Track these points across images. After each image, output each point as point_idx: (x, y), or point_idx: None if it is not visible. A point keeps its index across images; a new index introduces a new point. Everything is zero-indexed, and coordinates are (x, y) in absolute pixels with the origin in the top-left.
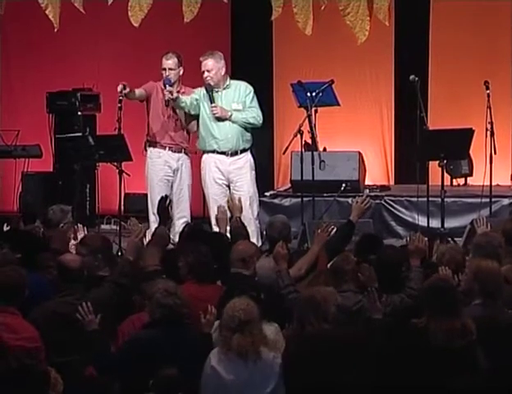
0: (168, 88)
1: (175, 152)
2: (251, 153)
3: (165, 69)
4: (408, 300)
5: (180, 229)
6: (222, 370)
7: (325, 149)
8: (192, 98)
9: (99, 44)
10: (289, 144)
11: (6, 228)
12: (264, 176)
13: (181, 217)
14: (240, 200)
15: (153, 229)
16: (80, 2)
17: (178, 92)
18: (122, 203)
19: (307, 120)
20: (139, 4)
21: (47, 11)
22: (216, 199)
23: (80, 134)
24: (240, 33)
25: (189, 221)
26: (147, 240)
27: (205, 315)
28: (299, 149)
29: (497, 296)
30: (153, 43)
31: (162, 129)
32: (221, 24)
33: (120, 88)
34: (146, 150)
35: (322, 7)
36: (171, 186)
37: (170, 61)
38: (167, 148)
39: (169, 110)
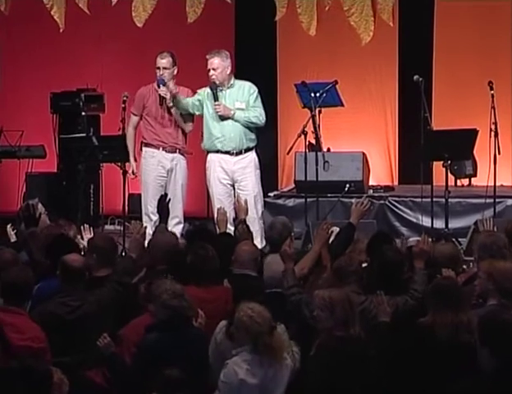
0: (162, 88)
1: (169, 152)
2: (256, 152)
3: (159, 68)
4: (411, 302)
5: (173, 229)
6: (251, 379)
7: (329, 150)
8: (194, 99)
9: (103, 45)
10: (293, 145)
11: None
12: (268, 177)
13: (174, 218)
14: (246, 202)
15: (148, 230)
16: (84, 3)
17: (171, 92)
18: (126, 203)
19: (311, 120)
20: (142, 5)
21: (52, 12)
22: (220, 199)
23: (83, 134)
24: (244, 33)
25: (182, 221)
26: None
27: (196, 319)
28: (303, 150)
29: None
30: (156, 43)
31: (156, 129)
32: (225, 24)
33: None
34: (141, 150)
35: (327, 8)
36: (165, 187)
37: (164, 61)
38: (161, 149)
39: (163, 110)
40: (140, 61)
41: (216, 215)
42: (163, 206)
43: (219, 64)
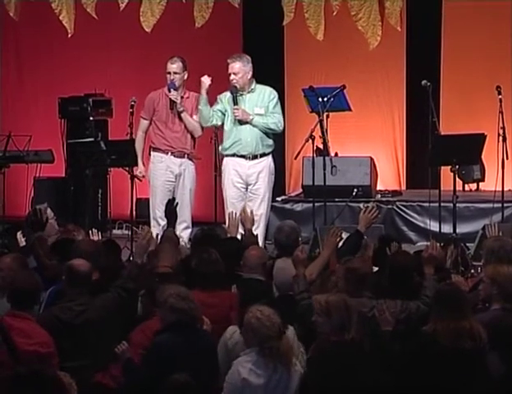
0: (172, 92)
1: (177, 157)
2: (272, 157)
3: (170, 73)
4: (424, 308)
5: (181, 234)
6: (254, 379)
7: (336, 154)
8: (215, 109)
9: (111, 49)
10: (300, 150)
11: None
12: (276, 182)
13: (182, 222)
14: (252, 212)
15: (154, 234)
16: (92, 8)
17: (182, 97)
18: (134, 208)
19: (318, 125)
20: (151, 10)
21: (60, 17)
22: (233, 203)
23: (91, 139)
24: (251, 38)
25: (190, 226)
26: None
27: (201, 325)
28: (311, 154)
29: None
30: (164, 48)
31: (165, 134)
32: (233, 29)
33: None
34: (150, 155)
35: (334, 13)
36: (173, 191)
37: (175, 65)
38: (169, 153)
39: (173, 115)
40: (148, 66)
41: (227, 220)
42: (171, 210)
43: (240, 69)
